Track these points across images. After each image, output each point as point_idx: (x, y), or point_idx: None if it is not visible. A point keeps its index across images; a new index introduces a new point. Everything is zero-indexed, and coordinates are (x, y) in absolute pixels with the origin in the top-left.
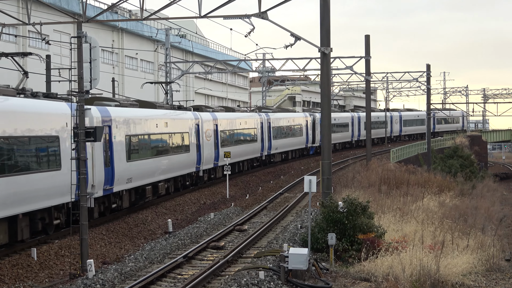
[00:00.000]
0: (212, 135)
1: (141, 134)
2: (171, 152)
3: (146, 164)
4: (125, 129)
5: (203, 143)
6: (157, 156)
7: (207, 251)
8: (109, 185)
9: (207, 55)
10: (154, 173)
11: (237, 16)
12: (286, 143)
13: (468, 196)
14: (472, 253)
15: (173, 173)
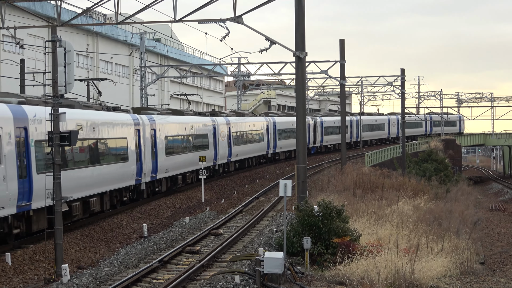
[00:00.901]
0: (226, 135)
1: (175, 135)
2: (196, 150)
3: (178, 158)
4: (164, 132)
5: (219, 142)
6: (186, 152)
7: (182, 256)
8: (154, 173)
9: (182, 59)
10: (184, 166)
11: (212, 20)
12: (290, 143)
13: (442, 199)
14: (447, 257)
15: (197, 166)
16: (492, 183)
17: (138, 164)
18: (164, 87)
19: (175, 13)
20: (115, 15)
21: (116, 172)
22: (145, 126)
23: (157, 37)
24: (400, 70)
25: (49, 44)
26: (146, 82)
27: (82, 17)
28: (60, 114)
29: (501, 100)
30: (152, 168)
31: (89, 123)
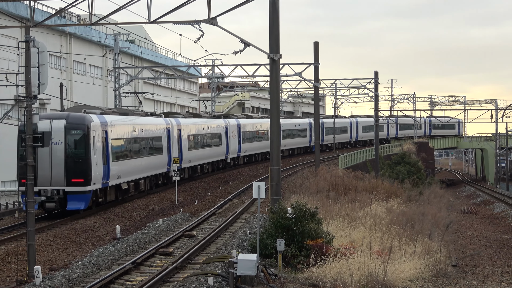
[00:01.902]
0: (236, 134)
1: (195, 134)
2: (211, 146)
3: (197, 152)
4: (187, 131)
5: (230, 140)
6: (203, 148)
7: (155, 257)
8: (180, 163)
9: (156, 61)
10: (202, 158)
11: (186, 22)
12: (294, 142)
13: (415, 202)
14: (419, 259)
15: (212, 159)
16: (465, 186)
17: (168, 155)
18: (138, 88)
19: (149, 14)
20: (89, 16)
21: (155, 162)
22: (173, 127)
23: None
24: (374, 73)
25: (23, 45)
26: (120, 84)
27: (56, 17)
28: (33, 114)
29: (473, 104)
30: (179, 159)
31: (140, 126)
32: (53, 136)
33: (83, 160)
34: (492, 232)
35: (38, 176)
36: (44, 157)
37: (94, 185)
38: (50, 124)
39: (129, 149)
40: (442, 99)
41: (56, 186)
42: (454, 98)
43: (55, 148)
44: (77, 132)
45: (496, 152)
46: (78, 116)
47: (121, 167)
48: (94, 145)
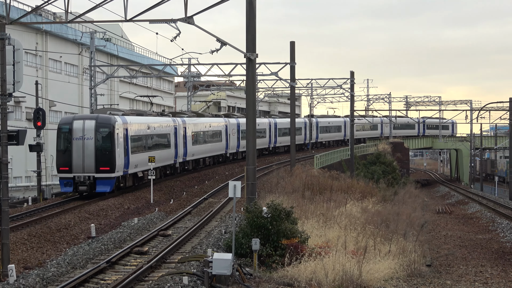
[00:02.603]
0: (236, 132)
1: (198, 131)
2: (212, 142)
3: (200, 147)
4: (191, 129)
5: (230, 137)
6: (205, 143)
7: (130, 256)
8: (184, 157)
9: (132, 59)
10: (204, 153)
11: (163, 21)
12: (287, 139)
13: (390, 202)
14: (394, 259)
15: (213, 153)
16: (439, 186)
17: (175, 149)
18: (113, 87)
19: (125, 13)
20: (65, 13)
21: (164, 154)
22: (179, 125)
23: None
24: (349, 73)
25: None
26: (96, 82)
27: (32, 15)
28: (8, 112)
29: (448, 104)
30: (184, 153)
31: (152, 125)
32: (86, 133)
33: (109, 152)
34: (466, 232)
35: (73, 165)
36: (78, 150)
37: (117, 172)
38: (83, 123)
39: (144, 143)
40: (418, 99)
41: (88, 173)
42: (430, 99)
43: (87, 143)
44: (104, 130)
45: (471, 152)
46: (105, 117)
47: (137, 158)
48: (117, 140)
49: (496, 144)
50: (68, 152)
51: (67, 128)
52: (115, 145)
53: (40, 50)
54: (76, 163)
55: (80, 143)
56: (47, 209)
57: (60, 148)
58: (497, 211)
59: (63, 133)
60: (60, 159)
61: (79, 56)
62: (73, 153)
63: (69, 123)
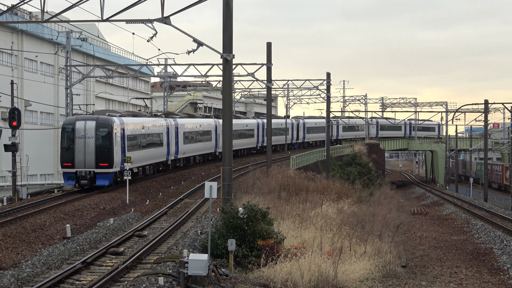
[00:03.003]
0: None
1: (189, 131)
2: (203, 141)
3: (191, 146)
4: (183, 129)
5: (219, 137)
6: (196, 142)
7: (106, 257)
8: (176, 155)
9: (109, 59)
10: (195, 151)
11: (139, 21)
12: (278, 139)
13: (365, 203)
14: (369, 260)
15: (203, 152)
16: (415, 187)
17: (167, 148)
18: (89, 87)
19: (102, 13)
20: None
21: (157, 152)
22: (171, 125)
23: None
24: (326, 74)
25: None
26: (72, 82)
27: (7, 14)
28: None
29: (424, 106)
30: (175, 151)
31: (146, 125)
32: (87, 132)
33: (108, 150)
34: (441, 233)
35: (75, 161)
36: (80, 147)
37: (115, 168)
38: (84, 124)
39: (139, 142)
40: (393, 101)
41: (88, 168)
42: (405, 100)
43: (88, 141)
44: (104, 130)
45: (446, 154)
46: (105, 118)
47: (133, 155)
48: (115, 139)
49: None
50: (71, 149)
51: (70, 128)
52: (113, 144)
53: (16, 50)
54: (78, 159)
55: (82, 142)
56: (22, 209)
57: (64, 145)
58: (472, 213)
59: (66, 133)
60: (64, 155)
61: (55, 55)
62: (76, 150)
63: (72, 123)
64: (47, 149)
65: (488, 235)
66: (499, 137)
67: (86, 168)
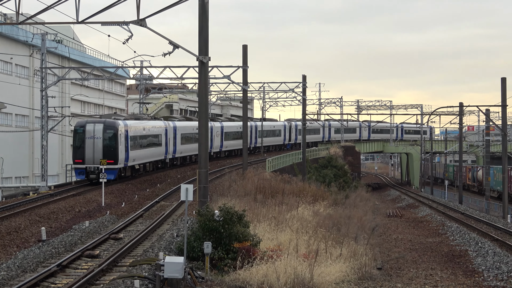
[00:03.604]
0: (219, 134)
1: (187, 133)
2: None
3: (187, 146)
4: (180, 131)
5: (214, 138)
6: (192, 143)
7: (81, 260)
8: (173, 154)
9: (84, 61)
10: (191, 151)
11: (115, 23)
12: (271, 140)
13: (341, 205)
14: (345, 262)
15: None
16: (390, 190)
17: (165, 148)
18: (65, 89)
19: (77, 15)
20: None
21: (156, 151)
22: (170, 127)
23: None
24: (301, 77)
25: None
26: (47, 84)
27: None
28: None
29: (399, 108)
30: (173, 151)
31: (147, 127)
32: (96, 133)
33: (114, 149)
34: (417, 235)
35: (85, 158)
36: (90, 146)
37: (120, 164)
38: (94, 126)
39: (140, 142)
40: (369, 103)
41: (97, 164)
42: (381, 103)
43: (96, 141)
44: (110, 131)
45: (421, 156)
46: (111, 121)
47: (135, 154)
48: (120, 139)
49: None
50: (82, 148)
51: (81, 130)
52: (118, 143)
53: None
54: (88, 156)
55: (91, 141)
56: None
57: (76, 145)
58: (447, 215)
59: (78, 133)
60: (75, 153)
61: (30, 57)
62: (86, 149)
63: (83, 126)
64: (22, 151)
65: (463, 237)
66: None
67: (94, 164)
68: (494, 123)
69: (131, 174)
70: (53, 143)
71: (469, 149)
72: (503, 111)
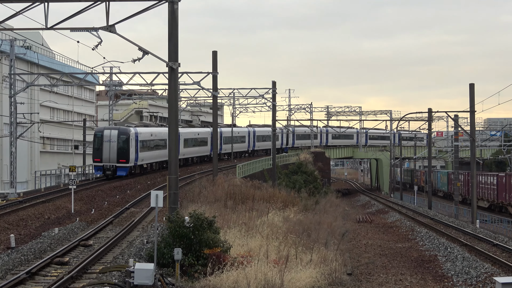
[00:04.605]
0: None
1: (190, 138)
2: (200, 145)
3: (190, 149)
4: (184, 136)
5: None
6: (194, 146)
7: (51, 267)
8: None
9: (53, 68)
10: (193, 153)
11: (84, 29)
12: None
13: (311, 211)
14: (315, 268)
15: (200, 154)
16: (360, 195)
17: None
18: (34, 95)
19: (46, 21)
20: None
21: (162, 153)
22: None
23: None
24: (271, 83)
25: None
26: (16, 90)
27: None
28: None
29: (369, 114)
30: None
31: (154, 132)
32: (111, 138)
33: (126, 151)
34: (386, 241)
35: (103, 158)
36: (106, 148)
37: (130, 163)
38: (110, 132)
39: (148, 145)
40: (338, 109)
41: (112, 163)
42: (350, 109)
43: (112, 144)
44: (123, 136)
45: (391, 162)
46: (124, 128)
47: (144, 155)
48: (131, 143)
49: (415, 154)
50: (100, 149)
51: (100, 134)
52: (130, 146)
53: None
54: (105, 156)
55: (108, 144)
56: None
57: (95, 146)
58: (416, 220)
59: (97, 137)
60: (95, 153)
61: None
62: (103, 150)
63: (101, 131)
64: None
65: (433, 243)
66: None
67: (110, 162)
68: (462, 129)
69: (140, 172)
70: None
71: (438, 155)
72: (471, 116)
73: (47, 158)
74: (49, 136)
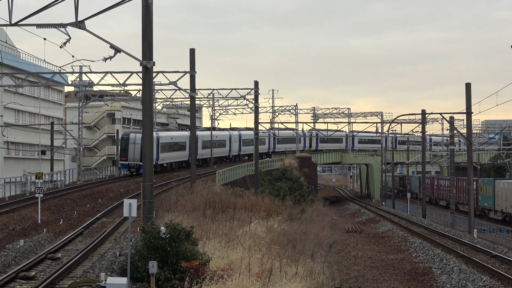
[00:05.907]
0: (237, 141)
1: (208, 140)
2: (219, 147)
3: (208, 150)
4: (202, 138)
5: (232, 144)
6: (213, 148)
7: (16, 282)
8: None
9: (18, 67)
10: (170, 159)
11: (51, 25)
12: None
13: (297, 220)
14: (301, 281)
15: (220, 155)
16: (349, 203)
17: (189, 152)
18: None
19: (10, 17)
20: None
21: (181, 154)
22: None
23: None
24: (253, 83)
25: None
26: None
27: None
28: None
29: (358, 116)
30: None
31: (175, 136)
32: (136, 140)
33: None
34: (378, 252)
35: (128, 157)
36: (132, 149)
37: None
38: (135, 135)
39: (168, 147)
40: (326, 111)
41: (136, 162)
42: (338, 110)
43: (137, 146)
44: None
45: (382, 167)
46: None
47: (164, 155)
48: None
49: (408, 159)
50: (126, 150)
51: (126, 137)
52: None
53: None
54: (130, 156)
55: (133, 146)
56: None
57: (122, 147)
58: (409, 230)
59: (124, 140)
60: (122, 153)
61: None
62: (129, 150)
63: (127, 135)
64: None
65: (427, 254)
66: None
67: (134, 161)
68: (458, 132)
69: (161, 170)
70: None
71: (432, 160)
72: (468, 118)
73: (11, 165)
74: (14, 140)
